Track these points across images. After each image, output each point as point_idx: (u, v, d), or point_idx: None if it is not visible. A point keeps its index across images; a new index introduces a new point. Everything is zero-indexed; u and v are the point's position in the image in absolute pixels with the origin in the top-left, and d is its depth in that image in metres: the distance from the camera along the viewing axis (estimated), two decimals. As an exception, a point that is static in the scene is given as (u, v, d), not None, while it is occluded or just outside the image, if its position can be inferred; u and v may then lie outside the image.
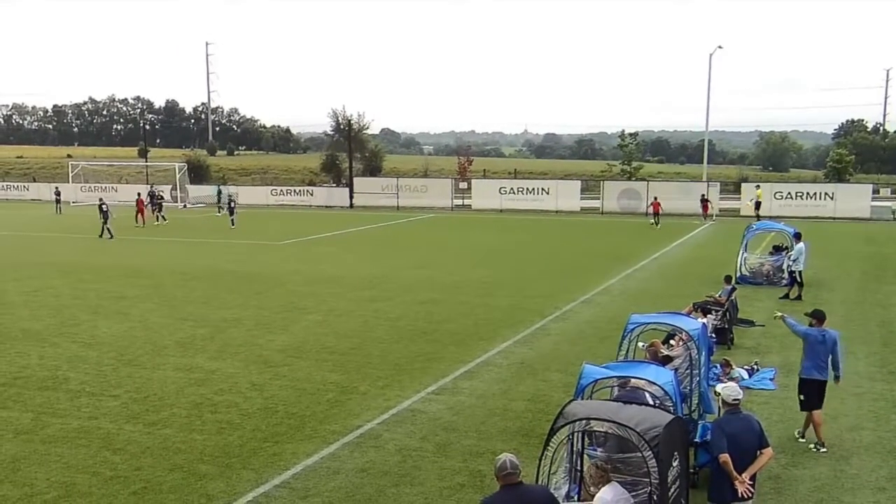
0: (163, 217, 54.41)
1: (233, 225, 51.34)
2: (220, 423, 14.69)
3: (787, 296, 26.95)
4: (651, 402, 10.39)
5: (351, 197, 70.05)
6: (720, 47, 74.18)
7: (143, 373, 17.99)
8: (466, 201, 69.11)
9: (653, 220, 52.96)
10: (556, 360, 19.20)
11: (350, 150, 77.93)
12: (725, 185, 72.66)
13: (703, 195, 58.08)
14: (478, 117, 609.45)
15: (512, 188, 67.97)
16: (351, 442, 13.87)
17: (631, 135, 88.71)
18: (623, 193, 64.72)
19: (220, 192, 63.21)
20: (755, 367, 18.25)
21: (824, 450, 13.52)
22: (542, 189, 66.77)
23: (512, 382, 17.38)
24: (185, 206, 69.67)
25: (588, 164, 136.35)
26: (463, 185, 71.41)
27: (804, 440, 13.93)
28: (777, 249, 31.58)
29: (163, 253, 39.11)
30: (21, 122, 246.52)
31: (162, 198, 58.63)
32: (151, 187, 69.37)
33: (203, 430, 14.39)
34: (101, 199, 48.98)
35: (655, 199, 55.35)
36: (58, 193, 65.40)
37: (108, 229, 45.35)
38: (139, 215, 52.72)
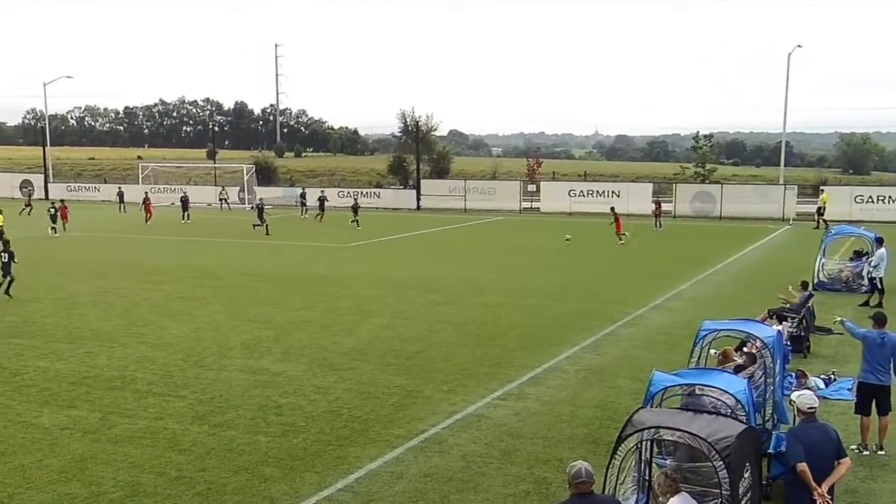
0: (187, 216, 56.90)
1: (318, 217, 57.09)
2: (285, 426, 14.84)
3: (867, 303, 26.29)
4: (722, 411, 10.23)
5: (418, 199, 70.26)
6: (799, 46, 72.66)
7: (209, 374, 18.26)
8: (535, 204, 68.85)
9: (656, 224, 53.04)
10: (625, 366, 19.04)
11: (418, 152, 78.18)
12: (804, 189, 71.30)
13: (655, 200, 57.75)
14: (547, 118, 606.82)
15: (582, 190, 67.54)
16: (415, 446, 13.91)
17: (705, 136, 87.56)
18: (696, 196, 63.97)
19: (303, 195, 63.53)
20: (833, 376, 17.85)
21: (866, 452, 13.42)
22: (613, 191, 66.23)
23: (579, 389, 17.26)
24: (252, 207, 70.49)
25: (660, 166, 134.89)
26: (532, 187, 71.15)
27: (868, 452, 13.61)
28: (858, 255, 30.87)
29: (230, 254, 39.66)
30: (93, 123, 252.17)
31: (187, 198, 60.02)
32: (222, 190, 70.60)
33: (268, 432, 14.55)
34: (260, 199, 53.52)
35: (657, 201, 56.15)
36: (120, 194, 67.38)
37: (266, 226, 48.50)
38: (147, 214, 55.53)
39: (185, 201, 58.48)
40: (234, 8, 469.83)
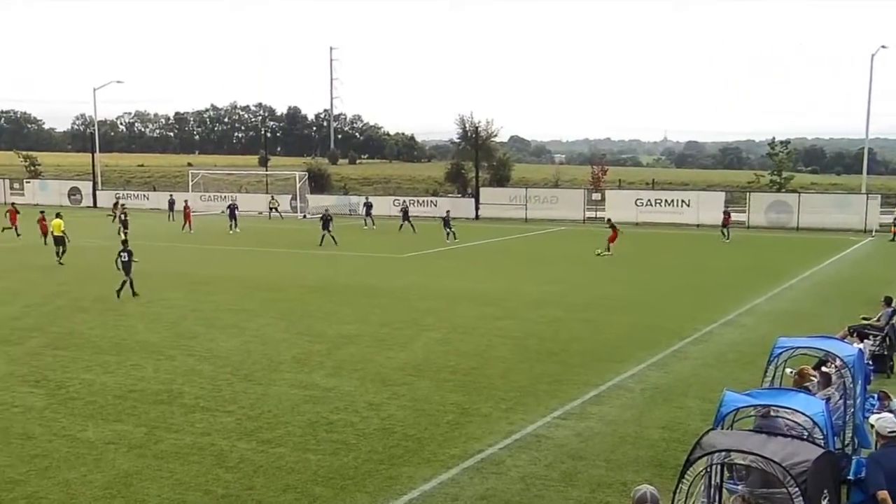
0: (235, 225, 56.76)
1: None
2: (336, 444, 14.88)
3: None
4: (798, 434, 10.04)
5: (476, 208, 70.33)
6: (884, 47, 71.35)
7: (258, 388, 18.40)
8: (600, 213, 68.45)
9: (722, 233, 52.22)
10: (693, 385, 18.82)
11: (477, 159, 78.25)
12: (887, 198, 70.04)
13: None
14: (613, 124, 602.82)
15: (649, 200, 67.11)
16: (471, 467, 13.87)
17: (782, 142, 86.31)
18: (772, 206, 63.13)
19: (368, 206, 63.55)
20: (918, 398, 17.43)
21: None
22: (682, 201, 65.70)
23: (645, 408, 17.09)
24: (304, 216, 71.13)
25: (733, 174, 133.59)
26: (596, 196, 70.77)
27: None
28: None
29: (282, 264, 40.00)
30: (143, 129, 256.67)
31: (236, 207, 60.30)
32: (272, 198, 71.29)
33: (318, 449, 14.61)
34: (326, 209, 54.05)
35: (726, 210, 55.27)
36: (171, 202, 68.33)
37: (332, 237, 48.19)
38: (186, 223, 56.68)
39: (233, 210, 58.56)
40: (287, 11, 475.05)
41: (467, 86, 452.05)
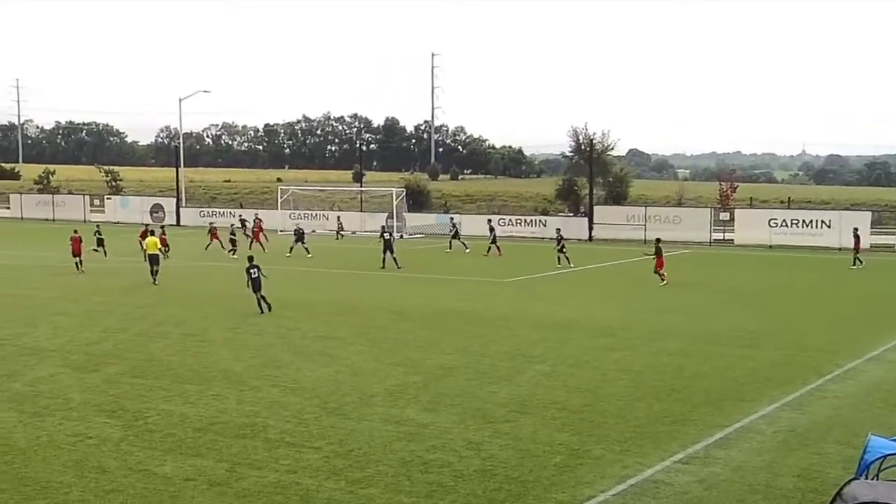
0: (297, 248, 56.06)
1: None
2: (431, 485, 14.90)
3: None
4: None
5: (590, 228, 70.03)
6: None
7: (347, 423, 18.53)
8: (728, 235, 67.59)
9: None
10: (833, 428, 18.37)
11: (591, 175, 77.93)
12: None
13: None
14: (744, 136, 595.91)
15: (784, 220, 65.90)
16: (580, 515, 13.73)
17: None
18: (925, 228, 61.48)
19: (454, 224, 63.51)
20: None
21: None
22: (822, 221, 64.38)
23: (777, 454, 16.73)
24: (401, 236, 71.73)
25: (881, 191, 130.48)
26: (724, 215, 69.94)
27: None
28: None
29: (376, 289, 40.39)
30: (230, 142, 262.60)
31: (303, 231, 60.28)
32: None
33: (411, 491, 14.64)
34: (383, 227, 53.84)
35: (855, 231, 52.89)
36: (242, 221, 68.31)
37: (394, 259, 47.79)
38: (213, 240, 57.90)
39: (299, 234, 57.03)
40: (386, 16, 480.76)
41: (581, 94, 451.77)
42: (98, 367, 23.77)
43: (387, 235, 49.46)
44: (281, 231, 69.29)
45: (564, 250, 49.61)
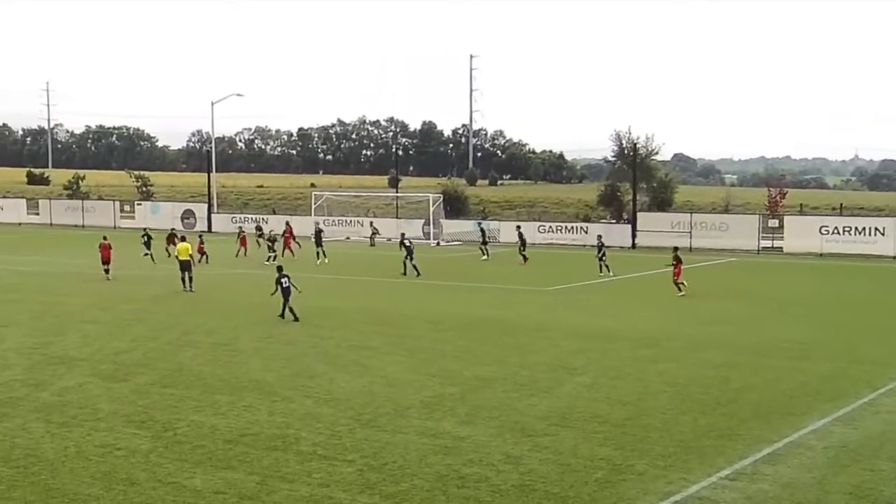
0: (324, 254, 56.20)
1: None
2: (468, 501, 14.85)
3: None
4: None
5: (633, 235, 69.75)
6: None
7: (382, 436, 18.53)
8: (777, 242, 67.12)
9: None
10: (887, 444, 18.20)
11: (634, 180, 77.63)
12: None
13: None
14: (794, 140, 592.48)
15: (836, 227, 65.25)
16: (622, 533, 13.64)
17: None
18: None
19: (483, 231, 63.53)
20: None
21: None
22: (876, 229, 63.74)
23: (828, 470, 16.55)
24: (437, 243, 71.71)
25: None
26: (773, 222, 69.50)
27: None
28: None
29: (412, 297, 40.44)
30: (263, 147, 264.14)
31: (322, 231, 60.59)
32: (371, 223, 72.18)
33: (447, 507, 14.61)
34: (403, 234, 53.85)
35: None
36: (258, 227, 68.61)
37: (414, 266, 48.37)
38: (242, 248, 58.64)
39: (318, 236, 57.57)
40: (423, 16, 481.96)
41: (625, 97, 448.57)
42: (127, 376, 23.92)
43: (407, 242, 50.44)
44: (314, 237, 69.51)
45: (605, 258, 49.49)
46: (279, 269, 33.93)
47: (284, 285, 32.73)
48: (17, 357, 26.37)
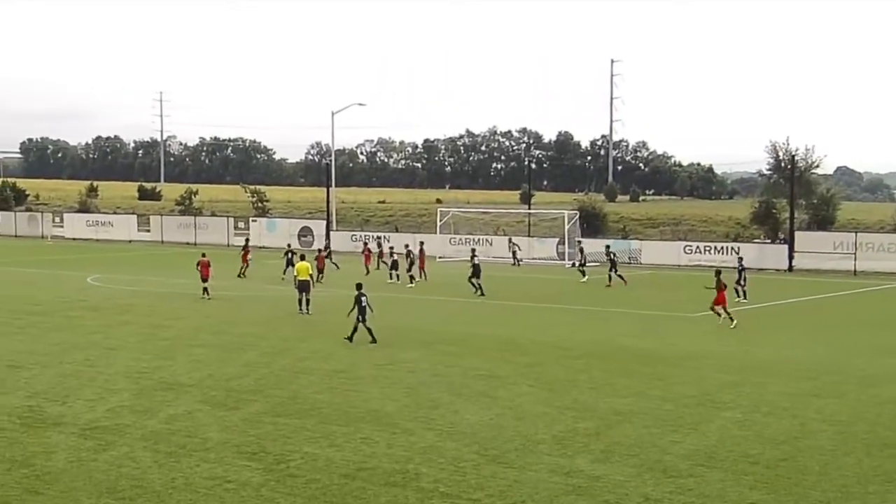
0: (410, 276, 55.64)
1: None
2: (602, 546, 14.73)
3: None
4: None
5: (790, 257, 68.45)
6: None
7: (509, 473, 18.49)
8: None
9: None
10: None
11: (792, 196, 76.25)
12: None
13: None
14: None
15: None
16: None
17: None
18: None
19: (610, 253, 62.49)
20: None
21: None
22: None
23: None
24: (573, 264, 71.27)
25: None
26: (950, 242, 67.50)
27: None
28: None
29: (544, 322, 40.37)
30: (386, 160, 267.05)
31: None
32: (510, 240, 71.98)
33: (580, 552, 14.51)
34: (473, 250, 53.74)
35: None
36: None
37: (480, 285, 48.62)
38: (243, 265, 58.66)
39: (411, 253, 57.45)
40: (560, 19, 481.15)
41: (781, 105, 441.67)
42: (238, 404, 24.32)
43: (476, 260, 50.94)
44: (440, 258, 69.81)
45: (744, 283, 47.96)
46: (358, 286, 33.96)
47: (362, 304, 33.04)
48: (126, 381, 27.01)
